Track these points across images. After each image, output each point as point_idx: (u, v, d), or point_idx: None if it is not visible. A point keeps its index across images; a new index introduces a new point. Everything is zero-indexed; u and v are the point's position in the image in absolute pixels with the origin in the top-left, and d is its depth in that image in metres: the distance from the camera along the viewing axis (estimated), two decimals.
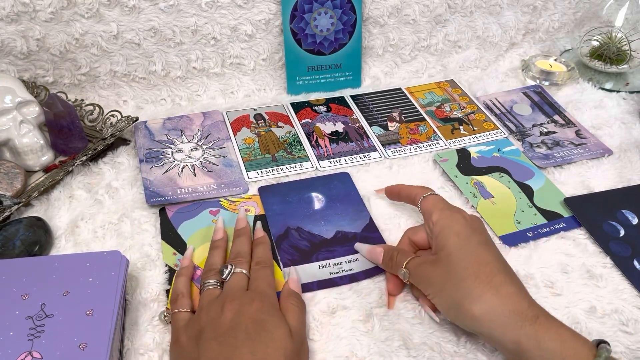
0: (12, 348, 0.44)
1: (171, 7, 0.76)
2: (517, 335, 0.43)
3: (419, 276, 0.50)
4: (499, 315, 0.44)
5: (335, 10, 0.82)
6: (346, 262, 0.58)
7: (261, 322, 0.45)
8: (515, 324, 0.43)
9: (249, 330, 0.44)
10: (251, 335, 0.44)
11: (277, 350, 0.43)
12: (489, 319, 0.44)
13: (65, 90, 0.78)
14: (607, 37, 0.89)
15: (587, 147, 0.74)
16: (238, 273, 0.51)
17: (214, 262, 0.54)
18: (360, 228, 0.62)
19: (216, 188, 0.67)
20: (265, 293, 0.49)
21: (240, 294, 0.48)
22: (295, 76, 0.85)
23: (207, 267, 0.54)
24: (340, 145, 0.75)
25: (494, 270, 0.46)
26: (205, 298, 0.50)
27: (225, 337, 0.44)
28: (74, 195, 0.66)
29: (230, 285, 0.50)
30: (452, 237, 0.49)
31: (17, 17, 0.71)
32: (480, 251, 0.48)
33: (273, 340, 0.44)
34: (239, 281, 0.51)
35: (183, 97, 0.83)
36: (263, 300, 0.48)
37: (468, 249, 0.48)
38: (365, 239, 0.61)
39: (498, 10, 0.91)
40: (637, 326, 0.53)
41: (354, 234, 0.62)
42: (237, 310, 0.46)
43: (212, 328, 0.45)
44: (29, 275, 0.50)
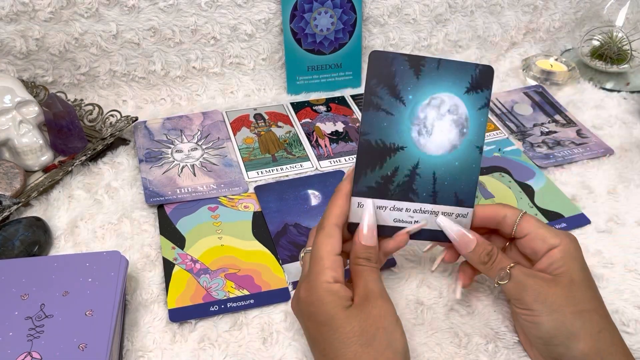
0: (12, 348, 0.44)
1: (171, 6, 0.76)
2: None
3: (527, 287, 0.46)
4: (607, 355, 0.43)
5: (335, 9, 0.81)
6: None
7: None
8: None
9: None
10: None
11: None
12: (599, 357, 0.43)
13: (64, 90, 0.78)
14: (608, 36, 0.89)
15: (588, 147, 0.74)
16: None
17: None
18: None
19: (216, 188, 0.67)
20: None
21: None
22: (295, 76, 0.84)
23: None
24: (341, 145, 0.75)
25: (605, 308, 0.46)
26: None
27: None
28: (73, 195, 0.66)
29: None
30: (576, 264, 0.46)
31: (16, 17, 0.71)
32: (597, 289, 0.47)
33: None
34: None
35: (183, 97, 0.82)
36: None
37: (590, 283, 0.46)
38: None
39: (499, 10, 0.90)
40: (637, 326, 0.53)
41: None
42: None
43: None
44: (29, 276, 0.50)
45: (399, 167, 0.48)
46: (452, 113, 0.48)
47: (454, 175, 0.49)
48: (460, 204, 0.49)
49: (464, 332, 0.52)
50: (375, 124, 0.48)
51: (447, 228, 0.49)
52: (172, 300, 0.54)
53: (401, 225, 0.49)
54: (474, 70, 0.48)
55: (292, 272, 0.57)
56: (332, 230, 0.46)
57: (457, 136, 0.49)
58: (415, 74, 0.48)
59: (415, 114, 0.48)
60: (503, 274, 0.47)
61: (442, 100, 0.48)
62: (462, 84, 0.48)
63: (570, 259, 0.46)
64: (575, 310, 0.44)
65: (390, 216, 0.49)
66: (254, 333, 0.52)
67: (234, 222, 0.63)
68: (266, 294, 0.55)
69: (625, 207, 0.65)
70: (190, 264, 0.57)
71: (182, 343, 0.51)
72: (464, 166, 0.49)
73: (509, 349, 0.50)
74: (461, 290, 0.51)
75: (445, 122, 0.48)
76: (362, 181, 0.48)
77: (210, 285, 0.55)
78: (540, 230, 0.48)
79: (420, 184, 0.49)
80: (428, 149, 0.49)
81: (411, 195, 0.49)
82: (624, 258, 0.59)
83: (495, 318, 0.53)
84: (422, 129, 0.48)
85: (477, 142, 0.49)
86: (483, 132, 0.49)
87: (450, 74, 0.48)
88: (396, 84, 0.48)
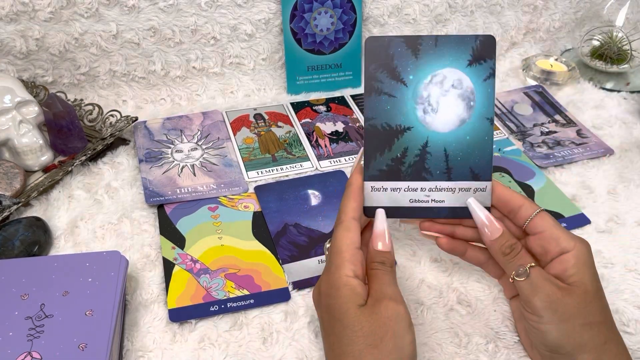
0: (12, 348, 0.44)
1: (171, 6, 0.76)
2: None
3: (541, 291, 0.44)
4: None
5: (335, 9, 0.81)
6: None
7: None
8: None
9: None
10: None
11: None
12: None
13: (64, 90, 0.78)
14: (608, 36, 0.89)
15: (588, 147, 0.74)
16: None
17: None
18: None
19: (216, 188, 0.67)
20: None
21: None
22: (295, 76, 0.84)
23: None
24: (341, 145, 0.75)
25: (612, 318, 0.45)
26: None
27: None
28: (73, 195, 0.66)
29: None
30: (589, 273, 0.45)
31: (16, 17, 0.71)
32: (606, 299, 0.46)
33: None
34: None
35: (183, 97, 0.82)
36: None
37: (601, 294, 0.45)
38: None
39: (499, 10, 0.90)
40: (637, 326, 0.53)
41: None
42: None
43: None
44: (29, 276, 0.50)
45: (408, 147, 0.48)
46: (457, 87, 0.48)
47: (466, 149, 0.48)
48: (477, 179, 0.49)
49: (464, 332, 0.52)
50: (378, 108, 0.48)
51: (477, 210, 0.48)
52: (172, 300, 0.54)
53: (418, 205, 0.49)
54: (474, 42, 0.48)
55: (292, 272, 0.57)
56: (350, 223, 0.47)
57: (465, 110, 0.48)
58: (414, 53, 0.48)
59: (418, 93, 0.48)
60: (522, 270, 0.45)
61: (445, 76, 0.48)
62: (463, 57, 0.48)
63: (584, 266, 0.45)
64: (585, 322, 0.43)
65: (405, 197, 0.49)
66: (254, 333, 0.52)
67: (234, 222, 0.63)
68: (266, 294, 0.55)
69: (625, 207, 0.65)
70: (190, 264, 0.57)
71: (182, 343, 0.51)
72: (476, 139, 0.48)
73: (509, 349, 0.50)
74: (432, 236, 0.51)
75: (450, 97, 0.48)
76: (373, 165, 0.48)
77: (210, 285, 0.55)
78: (555, 230, 0.47)
79: (433, 162, 0.48)
80: (436, 126, 0.48)
81: (424, 174, 0.48)
82: (624, 258, 0.59)
83: (495, 318, 0.53)
84: (427, 107, 0.48)
85: (487, 114, 0.48)
86: (492, 103, 0.48)
87: (449, 49, 0.48)
88: (395, 66, 0.48)
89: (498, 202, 0.49)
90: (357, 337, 0.42)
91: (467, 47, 0.48)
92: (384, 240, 0.47)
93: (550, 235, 0.46)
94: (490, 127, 0.48)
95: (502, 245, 0.47)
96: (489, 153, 0.49)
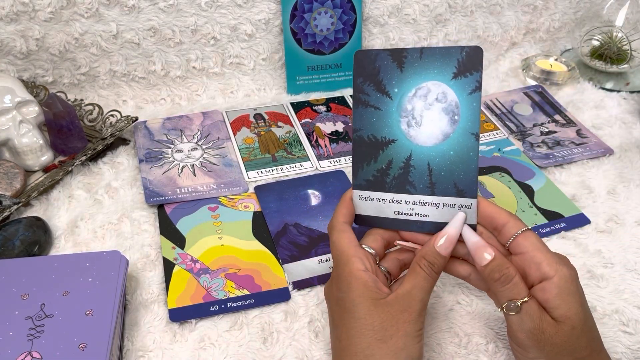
0: (12, 348, 0.44)
1: (171, 6, 0.76)
2: None
3: (529, 327, 0.43)
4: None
5: (335, 9, 0.81)
6: None
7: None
8: None
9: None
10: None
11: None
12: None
13: (64, 90, 0.78)
14: (608, 36, 0.89)
15: (588, 147, 0.74)
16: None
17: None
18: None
19: (216, 188, 0.67)
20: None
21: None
22: (295, 76, 0.84)
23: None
24: (341, 145, 0.75)
25: (600, 345, 0.44)
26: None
27: None
28: (73, 195, 0.66)
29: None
30: (576, 306, 0.43)
31: (16, 17, 0.71)
32: (594, 326, 0.44)
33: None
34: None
35: (183, 97, 0.82)
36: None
37: (589, 323, 0.43)
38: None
39: (498, 10, 0.90)
40: (637, 326, 0.53)
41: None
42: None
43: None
44: (29, 276, 0.50)
45: (392, 159, 0.48)
46: (440, 101, 0.47)
47: (450, 165, 0.47)
48: (462, 195, 0.47)
49: (464, 332, 0.52)
50: (365, 119, 0.48)
51: (468, 233, 0.46)
52: (172, 300, 0.54)
53: (402, 217, 0.49)
54: (460, 54, 0.46)
55: (292, 272, 0.57)
56: (342, 226, 0.47)
57: (449, 124, 0.47)
58: (399, 66, 0.47)
59: (402, 106, 0.47)
60: (513, 305, 0.43)
61: (429, 89, 0.47)
62: (448, 69, 0.46)
63: (569, 296, 0.42)
64: (572, 358, 0.42)
65: (390, 208, 0.49)
66: (254, 333, 0.52)
67: (234, 222, 0.63)
68: (266, 294, 0.55)
69: (625, 207, 0.65)
70: (191, 264, 0.57)
71: (182, 343, 0.51)
72: (460, 155, 0.47)
73: (509, 349, 0.50)
74: (409, 247, 0.48)
75: (434, 111, 0.47)
76: (360, 175, 0.49)
77: (210, 285, 0.55)
78: (538, 253, 0.44)
79: (416, 175, 0.48)
80: (419, 140, 0.48)
81: (408, 187, 0.48)
82: (624, 258, 0.59)
83: (496, 318, 0.53)
84: (410, 121, 0.48)
85: (472, 129, 0.46)
86: (477, 118, 0.46)
87: (434, 62, 0.47)
88: (381, 79, 0.48)
89: (482, 218, 0.47)
90: (366, 330, 0.42)
91: (452, 59, 0.46)
92: (447, 245, 0.45)
93: (532, 258, 0.44)
94: (475, 142, 0.47)
95: (492, 271, 0.44)
96: (474, 169, 0.47)
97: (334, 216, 0.48)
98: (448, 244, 0.45)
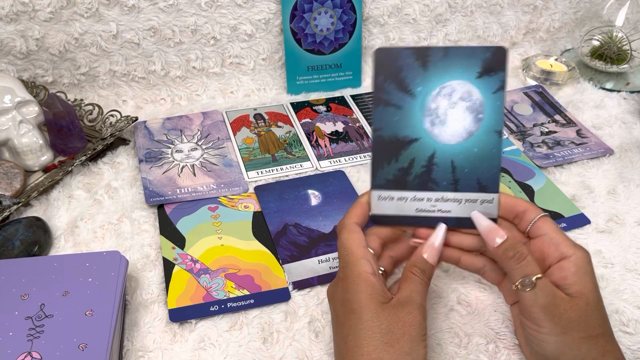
0: (12, 348, 0.44)
1: (171, 6, 0.76)
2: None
3: (544, 302, 0.44)
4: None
5: (335, 9, 0.81)
6: None
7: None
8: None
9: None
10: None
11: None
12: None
13: (64, 90, 0.78)
14: (608, 36, 0.89)
15: (588, 147, 0.74)
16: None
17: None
18: None
19: (216, 188, 0.67)
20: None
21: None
22: (295, 76, 0.84)
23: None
24: (340, 145, 0.75)
25: (611, 329, 0.45)
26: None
27: None
28: (73, 195, 0.66)
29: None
30: (590, 285, 0.45)
31: (16, 17, 0.71)
32: (605, 310, 0.46)
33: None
34: None
35: (183, 97, 0.82)
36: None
37: (601, 305, 0.45)
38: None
39: (499, 10, 0.90)
40: (637, 326, 0.53)
41: None
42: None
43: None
44: (29, 276, 0.50)
45: (415, 158, 0.48)
46: (465, 100, 0.48)
47: (473, 161, 0.48)
48: (484, 190, 0.48)
49: (464, 332, 0.52)
50: (386, 119, 0.48)
51: (480, 219, 0.48)
52: (172, 300, 0.54)
53: (424, 215, 0.49)
54: (485, 54, 0.47)
55: (292, 272, 0.57)
56: (353, 227, 0.47)
57: (473, 122, 0.48)
58: (422, 65, 0.47)
59: (426, 105, 0.48)
60: (528, 281, 0.44)
61: (453, 88, 0.47)
62: (472, 69, 0.47)
63: (585, 275, 0.45)
64: (585, 335, 0.43)
65: (412, 206, 0.49)
66: (254, 333, 0.52)
67: (234, 222, 0.63)
68: (266, 294, 0.55)
69: (625, 207, 0.65)
70: (191, 264, 0.57)
71: (182, 343, 0.51)
72: (484, 152, 0.48)
73: (510, 349, 0.50)
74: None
75: (459, 109, 0.48)
76: (380, 174, 0.49)
77: (210, 285, 0.55)
78: (556, 235, 0.46)
79: (439, 173, 0.48)
80: (443, 138, 0.48)
81: (431, 184, 0.48)
82: (624, 258, 0.59)
83: (496, 318, 0.53)
84: (435, 119, 0.48)
85: (496, 127, 0.48)
86: (501, 116, 0.48)
87: (459, 61, 0.47)
88: (403, 77, 0.47)
89: (503, 208, 0.49)
90: (374, 333, 0.42)
91: (477, 59, 0.47)
92: (434, 254, 0.47)
93: (550, 239, 0.46)
94: (498, 140, 0.48)
95: (506, 250, 0.46)
96: (497, 165, 0.48)
97: (346, 216, 0.48)
98: (435, 253, 0.47)
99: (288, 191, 0.67)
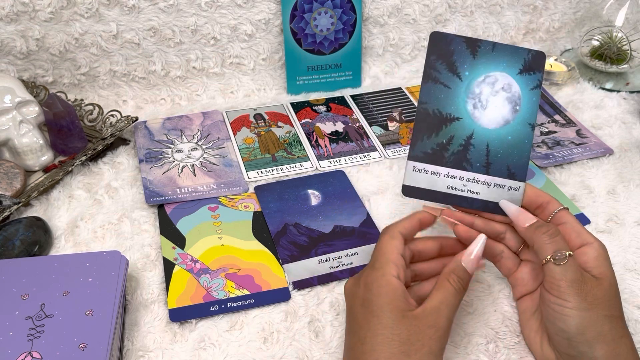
0: (12, 348, 0.44)
1: (171, 6, 0.76)
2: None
3: (573, 276, 0.45)
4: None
5: (335, 9, 0.82)
6: (346, 255, 0.59)
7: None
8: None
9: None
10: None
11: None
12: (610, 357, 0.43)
13: (64, 90, 0.78)
14: (608, 36, 0.89)
15: (587, 147, 0.74)
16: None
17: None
18: (358, 223, 0.63)
19: (216, 188, 0.67)
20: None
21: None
22: (295, 76, 0.84)
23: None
24: (340, 145, 0.75)
25: (625, 327, 0.46)
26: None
27: None
28: (73, 195, 0.66)
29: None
30: (611, 270, 0.47)
31: (16, 17, 0.71)
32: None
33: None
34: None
35: (183, 97, 0.82)
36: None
37: (619, 290, 0.47)
38: (363, 234, 0.61)
39: (498, 10, 0.90)
40: (637, 326, 0.53)
41: (352, 228, 0.62)
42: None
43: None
44: (29, 276, 0.50)
45: (454, 136, 0.52)
46: (506, 91, 0.52)
47: (506, 148, 0.52)
48: (512, 177, 0.52)
49: (464, 332, 0.52)
50: (432, 94, 0.52)
51: (510, 205, 0.50)
52: (173, 300, 0.54)
53: (454, 192, 0.52)
54: (527, 54, 0.52)
55: (292, 272, 0.57)
56: (397, 234, 0.48)
57: (510, 112, 0.52)
58: (472, 53, 0.52)
59: (471, 88, 0.52)
60: (561, 255, 0.45)
61: (497, 78, 0.52)
62: (515, 65, 0.52)
63: (606, 260, 0.47)
64: (607, 314, 0.44)
65: (444, 183, 0.52)
66: (254, 333, 0.52)
67: (234, 222, 0.63)
68: (266, 294, 0.55)
69: (625, 207, 0.65)
70: (191, 264, 0.58)
71: (182, 343, 0.51)
72: (517, 141, 0.52)
73: (510, 349, 0.50)
74: (452, 222, 0.52)
75: (499, 98, 0.52)
76: (419, 146, 0.52)
77: (210, 285, 0.55)
78: (577, 225, 0.49)
79: (474, 154, 0.52)
80: (482, 121, 0.52)
81: (465, 164, 0.52)
82: (624, 258, 0.59)
83: (495, 318, 0.53)
84: (477, 103, 0.52)
85: (530, 120, 0.52)
86: (535, 111, 0.52)
87: (504, 56, 0.52)
88: (454, 61, 0.52)
89: (528, 198, 0.52)
90: (392, 341, 0.42)
91: (520, 57, 0.52)
92: (474, 262, 0.47)
93: (572, 227, 0.49)
94: (531, 132, 0.52)
95: (539, 226, 0.48)
96: (527, 155, 0.52)
97: (396, 224, 0.49)
98: (475, 261, 0.47)
99: (288, 191, 0.67)
